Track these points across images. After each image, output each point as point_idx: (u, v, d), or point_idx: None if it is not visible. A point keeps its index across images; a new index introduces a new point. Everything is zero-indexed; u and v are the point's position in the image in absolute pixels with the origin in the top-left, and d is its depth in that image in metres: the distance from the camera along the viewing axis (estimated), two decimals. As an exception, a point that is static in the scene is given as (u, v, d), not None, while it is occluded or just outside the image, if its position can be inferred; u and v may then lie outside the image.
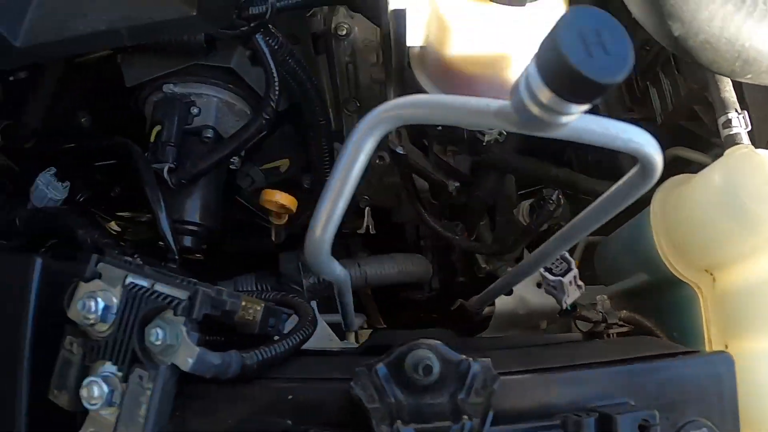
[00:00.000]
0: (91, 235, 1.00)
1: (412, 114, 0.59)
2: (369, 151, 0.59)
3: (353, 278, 1.21)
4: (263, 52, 1.04)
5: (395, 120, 0.59)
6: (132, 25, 0.90)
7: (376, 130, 0.59)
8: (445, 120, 0.58)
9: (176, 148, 1.10)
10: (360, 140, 0.59)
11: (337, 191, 0.60)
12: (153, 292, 0.67)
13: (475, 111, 0.57)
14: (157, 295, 0.67)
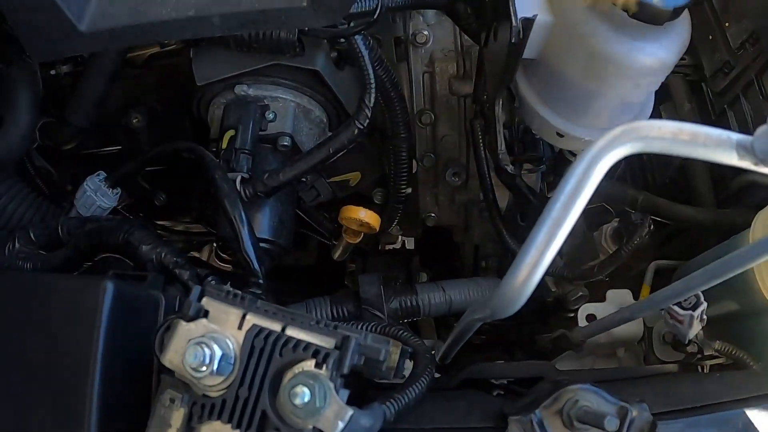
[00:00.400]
0: (157, 252, 0.87)
1: (646, 142, 0.48)
2: (596, 181, 0.48)
3: (437, 305, 1.10)
4: (362, 54, 0.91)
5: (631, 147, 0.48)
6: (227, 12, 0.78)
7: (606, 158, 0.48)
8: (680, 150, 0.48)
9: (251, 157, 0.97)
10: (588, 168, 0.48)
11: (554, 226, 0.49)
12: (287, 338, 0.54)
13: (715, 142, 0.47)
14: (293, 343, 0.54)
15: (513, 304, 0.56)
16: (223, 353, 0.55)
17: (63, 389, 0.68)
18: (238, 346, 0.56)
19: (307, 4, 0.75)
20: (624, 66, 0.90)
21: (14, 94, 1.05)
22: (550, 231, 0.53)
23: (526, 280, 0.54)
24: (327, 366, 0.52)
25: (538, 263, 0.53)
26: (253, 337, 0.55)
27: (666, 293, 0.86)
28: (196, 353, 0.54)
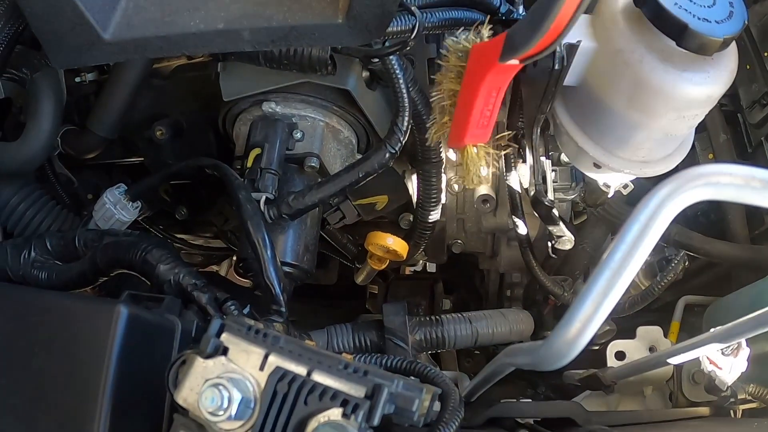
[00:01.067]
0: (175, 273, 0.83)
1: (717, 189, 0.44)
2: (661, 229, 0.44)
3: (463, 337, 1.06)
4: (396, 76, 0.87)
5: (699, 193, 0.44)
6: (258, 27, 0.75)
7: (672, 204, 0.44)
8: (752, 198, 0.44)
9: (277, 177, 0.94)
10: (652, 215, 0.44)
11: (613, 277, 0.45)
12: (313, 385, 0.50)
13: None
14: (320, 390, 0.50)
15: (562, 358, 0.52)
16: (242, 397, 0.51)
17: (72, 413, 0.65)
18: (259, 388, 0.52)
19: (343, 22, 0.72)
20: (670, 97, 0.86)
21: (38, 102, 1.03)
22: (608, 282, 0.49)
23: (580, 334, 0.50)
24: (356, 417, 0.48)
25: (594, 316, 0.49)
26: (276, 382, 0.51)
27: (708, 338, 0.83)
28: (213, 396, 0.50)
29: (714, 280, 1.45)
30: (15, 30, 0.89)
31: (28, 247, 0.98)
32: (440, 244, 1.31)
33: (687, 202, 0.46)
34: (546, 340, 0.51)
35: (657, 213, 0.45)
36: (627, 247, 0.46)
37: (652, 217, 0.45)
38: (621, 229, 0.47)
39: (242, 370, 0.52)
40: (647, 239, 0.46)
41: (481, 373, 0.83)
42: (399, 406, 0.51)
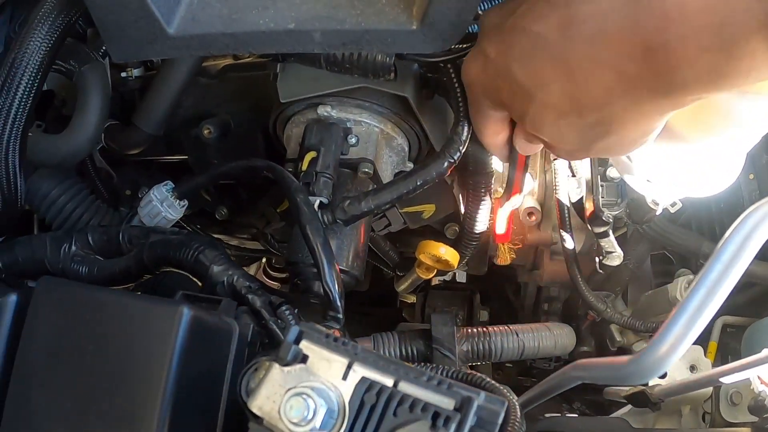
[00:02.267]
0: (229, 275, 0.82)
1: None
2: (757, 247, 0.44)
3: (509, 350, 1.05)
4: (456, 83, 0.86)
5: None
6: (330, 29, 0.73)
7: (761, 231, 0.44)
8: None
9: (332, 181, 0.92)
10: (750, 232, 0.43)
11: (708, 293, 0.44)
12: (402, 396, 0.49)
13: None
14: (410, 402, 0.48)
15: (653, 372, 0.52)
16: (328, 407, 0.49)
17: (128, 416, 0.64)
18: (342, 399, 0.50)
19: (417, 28, 0.70)
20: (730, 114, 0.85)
21: (85, 94, 1.02)
22: (703, 299, 0.48)
23: (672, 350, 0.49)
24: (448, 429, 0.46)
25: (686, 333, 0.49)
26: (364, 392, 0.49)
27: (761, 359, 0.82)
28: (299, 407, 0.48)
29: (751, 301, 1.45)
30: (69, 21, 0.88)
31: (69, 240, 0.96)
32: (483, 256, 1.30)
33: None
34: (638, 355, 0.50)
35: (753, 232, 0.44)
36: (723, 266, 0.45)
37: (748, 236, 0.45)
38: (718, 247, 0.47)
39: (325, 379, 0.50)
40: (743, 258, 0.45)
41: (540, 384, 0.81)
42: (482, 418, 0.50)
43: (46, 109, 1.16)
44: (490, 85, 0.72)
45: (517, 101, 0.70)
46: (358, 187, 0.97)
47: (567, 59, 0.63)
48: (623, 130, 0.66)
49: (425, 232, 1.22)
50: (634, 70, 0.60)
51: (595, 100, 0.64)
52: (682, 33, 0.55)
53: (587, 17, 0.61)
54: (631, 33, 0.58)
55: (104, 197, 1.22)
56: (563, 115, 0.67)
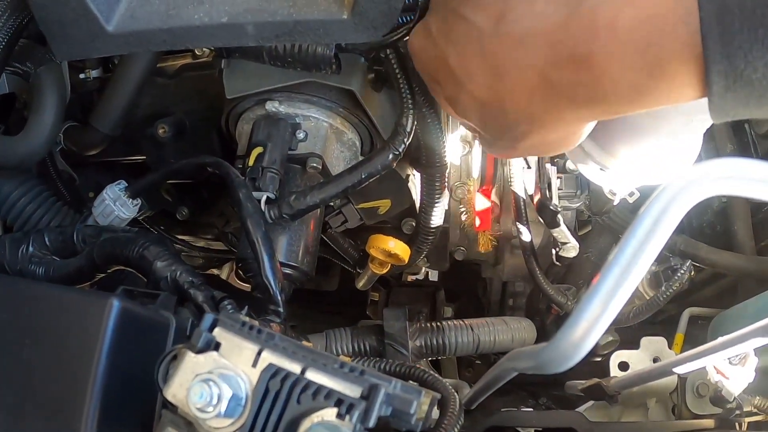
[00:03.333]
0: (172, 270, 0.82)
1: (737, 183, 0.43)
2: (674, 224, 0.43)
3: (464, 344, 1.04)
4: (399, 73, 0.86)
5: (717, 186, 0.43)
6: (262, 21, 0.74)
7: (678, 204, 0.43)
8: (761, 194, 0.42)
9: (279, 176, 0.92)
10: (665, 208, 0.43)
11: (622, 274, 0.43)
12: (307, 383, 0.49)
13: None
14: (314, 389, 0.48)
15: (567, 361, 0.51)
16: (233, 394, 0.49)
17: (60, 405, 0.65)
18: (251, 386, 0.50)
19: (348, 18, 0.71)
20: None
21: (41, 95, 1.03)
22: (617, 280, 0.47)
23: (586, 335, 0.48)
24: (351, 417, 0.46)
25: (600, 317, 0.48)
26: (269, 379, 0.49)
27: (715, 347, 0.81)
28: (202, 392, 0.48)
29: (719, 292, 1.45)
30: (19, 22, 0.89)
31: (27, 241, 0.97)
32: (442, 251, 1.30)
33: (704, 194, 0.44)
34: (550, 342, 0.49)
35: (668, 208, 0.44)
36: (637, 243, 0.44)
37: (663, 212, 0.44)
38: (631, 225, 0.46)
39: (234, 366, 0.50)
40: (659, 234, 0.44)
41: (482, 378, 0.81)
42: (396, 408, 0.50)
43: (8, 112, 1.16)
44: (430, 61, 0.73)
45: (449, 85, 0.70)
46: (308, 182, 0.98)
47: (495, 54, 0.64)
48: (545, 132, 0.67)
49: (384, 228, 1.22)
50: (557, 77, 0.60)
51: (518, 100, 0.65)
52: (609, 48, 0.56)
53: (520, 16, 0.61)
54: (558, 39, 0.59)
55: (66, 200, 1.22)
56: (487, 108, 0.68)
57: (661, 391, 1.24)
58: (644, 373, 0.99)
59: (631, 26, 0.54)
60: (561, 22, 0.58)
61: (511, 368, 0.68)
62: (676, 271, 1.16)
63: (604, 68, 0.57)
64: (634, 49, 0.54)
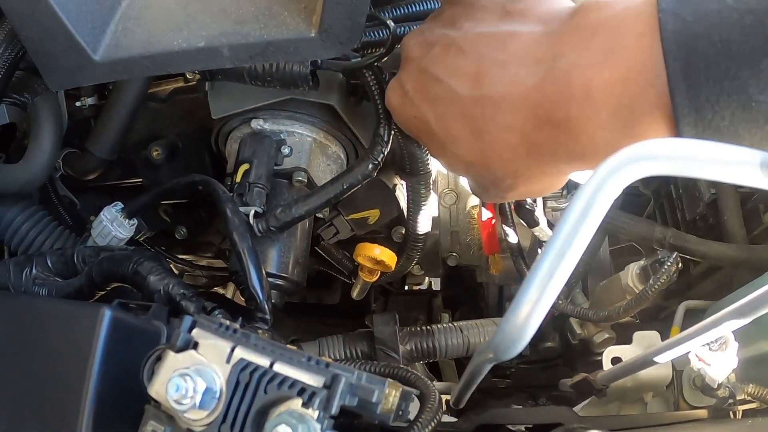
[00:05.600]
0: (165, 283, 0.86)
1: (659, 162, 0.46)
2: (605, 207, 0.46)
3: (454, 346, 1.07)
4: (373, 87, 0.90)
5: (641, 167, 0.46)
6: (236, 43, 0.78)
7: (614, 180, 0.46)
8: (698, 171, 0.45)
9: (265, 191, 0.96)
10: (595, 193, 0.45)
11: (557, 258, 0.46)
12: (274, 374, 0.52)
13: (737, 161, 0.44)
14: (280, 379, 0.52)
15: (515, 345, 0.53)
16: (207, 387, 0.53)
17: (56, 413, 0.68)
18: (225, 380, 0.54)
19: (315, 35, 0.74)
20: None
21: (39, 124, 1.07)
22: (552, 264, 0.49)
23: (528, 319, 0.50)
24: (313, 406, 0.50)
25: (540, 300, 0.50)
26: (239, 372, 0.53)
27: (692, 333, 0.82)
28: (178, 385, 0.52)
29: (718, 285, 1.45)
30: (14, 55, 0.93)
31: (30, 264, 1.01)
32: (435, 258, 1.33)
33: (630, 177, 0.47)
34: (498, 330, 0.51)
35: (599, 191, 0.46)
36: (570, 228, 0.46)
37: (594, 195, 0.46)
38: (564, 210, 0.48)
39: (209, 362, 0.54)
40: (591, 219, 0.46)
41: (462, 377, 0.84)
42: (361, 398, 0.53)
43: (9, 141, 1.21)
44: (410, 120, 0.75)
45: (433, 145, 0.73)
46: (295, 195, 1.02)
47: (475, 118, 0.66)
48: (530, 184, 0.70)
49: (376, 237, 1.26)
50: (538, 138, 0.63)
51: (501, 159, 0.68)
52: (584, 110, 0.59)
53: (495, 79, 0.64)
54: (536, 104, 0.61)
55: (68, 224, 1.26)
56: (473, 167, 0.71)
57: (657, 385, 1.25)
58: (628, 365, 1.00)
59: (605, 89, 0.57)
60: (536, 86, 0.61)
61: (482, 362, 0.70)
62: (664, 263, 1.18)
63: (581, 129, 0.60)
64: (608, 111, 0.57)
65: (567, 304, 1.27)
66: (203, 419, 0.53)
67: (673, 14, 0.53)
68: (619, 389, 1.21)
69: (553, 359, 1.55)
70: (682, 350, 0.90)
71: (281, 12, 0.78)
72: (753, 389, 1.05)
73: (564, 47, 0.60)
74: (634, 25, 0.56)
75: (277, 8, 0.77)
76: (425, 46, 0.71)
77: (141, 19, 0.83)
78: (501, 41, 0.64)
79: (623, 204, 1.41)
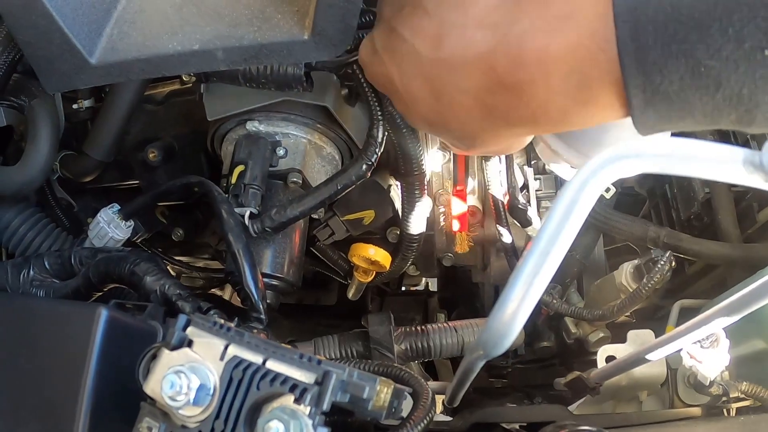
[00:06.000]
0: (161, 284, 0.87)
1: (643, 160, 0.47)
2: (589, 205, 0.47)
3: (449, 345, 1.08)
4: (366, 86, 0.91)
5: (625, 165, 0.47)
6: (230, 46, 0.79)
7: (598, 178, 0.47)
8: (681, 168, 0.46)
9: (260, 192, 0.97)
10: (579, 190, 0.46)
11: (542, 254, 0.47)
12: (266, 371, 0.53)
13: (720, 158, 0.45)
14: (272, 376, 0.53)
15: (502, 341, 0.54)
16: (201, 384, 0.53)
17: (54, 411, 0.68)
18: (219, 377, 0.55)
19: (309, 38, 0.75)
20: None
21: (36, 127, 1.08)
22: (537, 261, 0.50)
23: (514, 316, 0.52)
24: (305, 402, 0.50)
25: (525, 296, 0.51)
26: (232, 369, 0.54)
27: (683, 331, 0.83)
28: (173, 382, 0.53)
29: (714, 284, 1.46)
30: (12, 58, 0.94)
31: (28, 266, 1.01)
32: (430, 258, 1.34)
33: (615, 175, 0.48)
34: (485, 328, 0.52)
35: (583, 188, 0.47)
36: (555, 225, 0.48)
37: (578, 193, 0.47)
38: (549, 209, 0.49)
39: (203, 360, 0.55)
40: (575, 216, 0.48)
41: (455, 376, 0.85)
42: (352, 394, 0.54)
43: (6, 143, 1.22)
44: (377, 76, 0.76)
45: (397, 102, 0.75)
46: (290, 196, 1.02)
47: (434, 79, 0.67)
48: (488, 144, 0.72)
49: (371, 238, 1.27)
50: (491, 101, 0.64)
51: (458, 119, 0.69)
52: (535, 76, 0.59)
53: (454, 42, 0.64)
54: (489, 68, 0.62)
55: (65, 226, 1.27)
56: (434, 126, 0.72)
57: (651, 384, 1.26)
58: (621, 363, 1.01)
59: (557, 56, 0.57)
60: (490, 50, 0.61)
61: (473, 360, 0.71)
62: (657, 262, 1.19)
63: (532, 95, 0.60)
64: (559, 77, 0.58)
65: (562, 304, 1.28)
66: (197, 415, 0.54)
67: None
68: (614, 388, 1.22)
69: (549, 359, 1.56)
70: (674, 348, 0.91)
71: (275, 15, 0.79)
72: (746, 387, 1.05)
73: (520, 13, 0.60)
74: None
75: (270, 11, 0.78)
76: (396, 6, 0.72)
77: (136, 23, 0.84)
78: (462, 4, 0.64)
79: (618, 203, 1.42)
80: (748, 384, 1.05)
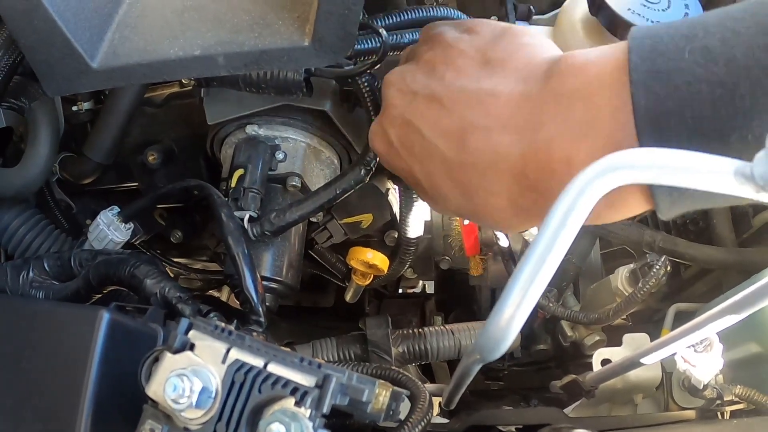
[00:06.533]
0: (161, 287, 0.88)
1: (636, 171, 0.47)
2: (583, 215, 0.47)
3: (446, 348, 1.09)
4: (365, 94, 0.92)
5: (618, 177, 0.47)
6: (231, 52, 0.79)
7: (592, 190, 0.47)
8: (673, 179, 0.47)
9: (260, 196, 0.98)
10: (574, 201, 0.47)
11: (538, 262, 0.48)
12: (267, 375, 0.54)
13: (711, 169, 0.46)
14: (273, 379, 0.54)
15: (499, 346, 0.54)
16: (203, 386, 0.54)
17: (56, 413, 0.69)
18: (221, 380, 0.55)
19: (309, 44, 0.76)
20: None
21: (36, 129, 1.08)
22: (534, 267, 0.50)
23: (510, 321, 0.52)
24: (306, 404, 0.51)
25: (522, 302, 0.51)
26: (234, 372, 0.55)
27: (678, 335, 0.84)
28: (175, 385, 0.54)
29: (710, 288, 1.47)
30: (13, 61, 0.94)
31: (27, 268, 1.02)
32: (427, 261, 1.35)
33: (608, 186, 0.48)
34: (482, 332, 0.53)
35: (578, 199, 0.48)
36: (551, 233, 0.48)
37: (573, 204, 0.48)
38: (546, 215, 0.50)
39: (205, 363, 0.55)
40: (570, 226, 0.48)
41: (452, 379, 0.85)
42: (351, 398, 0.55)
43: (5, 145, 1.22)
44: (397, 170, 0.76)
45: (421, 194, 0.75)
46: (289, 200, 1.03)
47: (463, 182, 0.67)
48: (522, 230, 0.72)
49: (369, 241, 1.27)
50: (523, 203, 0.64)
51: (492, 217, 0.69)
52: (565, 181, 0.60)
53: (480, 146, 0.64)
54: (520, 174, 0.62)
55: (65, 228, 1.27)
56: (464, 216, 0.74)
57: (646, 387, 1.26)
58: (615, 366, 1.02)
59: (585, 161, 0.58)
60: (519, 157, 0.61)
61: (470, 363, 0.72)
62: (653, 266, 1.20)
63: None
64: None
65: (558, 307, 1.29)
66: (200, 418, 0.55)
67: (645, 88, 0.53)
68: (609, 391, 1.23)
69: (545, 362, 1.57)
70: (669, 352, 0.92)
71: (275, 21, 0.80)
72: (740, 390, 1.06)
73: (543, 116, 0.60)
74: (609, 98, 0.56)
75: (271, 18, 0.79)
76: (407, 95, 0.72)
77: (138, 28, 0.84)
78: (482, 102, 0.64)
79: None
80: (743, 387, 1.06)
